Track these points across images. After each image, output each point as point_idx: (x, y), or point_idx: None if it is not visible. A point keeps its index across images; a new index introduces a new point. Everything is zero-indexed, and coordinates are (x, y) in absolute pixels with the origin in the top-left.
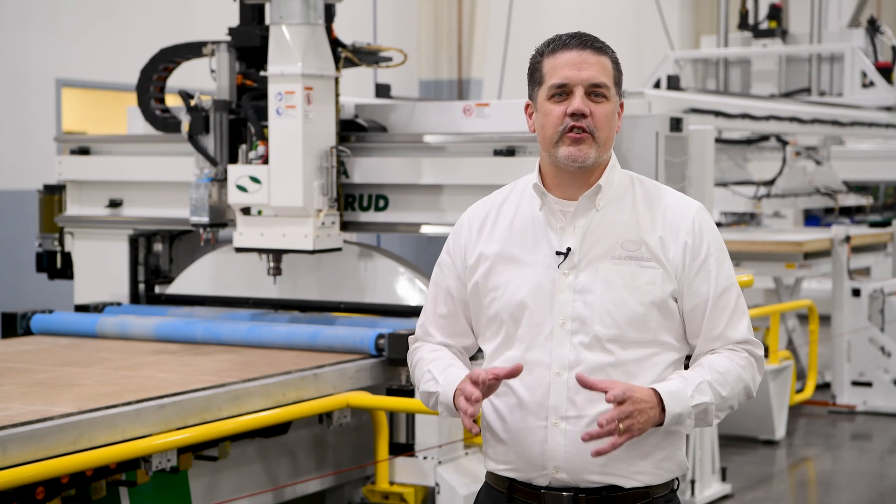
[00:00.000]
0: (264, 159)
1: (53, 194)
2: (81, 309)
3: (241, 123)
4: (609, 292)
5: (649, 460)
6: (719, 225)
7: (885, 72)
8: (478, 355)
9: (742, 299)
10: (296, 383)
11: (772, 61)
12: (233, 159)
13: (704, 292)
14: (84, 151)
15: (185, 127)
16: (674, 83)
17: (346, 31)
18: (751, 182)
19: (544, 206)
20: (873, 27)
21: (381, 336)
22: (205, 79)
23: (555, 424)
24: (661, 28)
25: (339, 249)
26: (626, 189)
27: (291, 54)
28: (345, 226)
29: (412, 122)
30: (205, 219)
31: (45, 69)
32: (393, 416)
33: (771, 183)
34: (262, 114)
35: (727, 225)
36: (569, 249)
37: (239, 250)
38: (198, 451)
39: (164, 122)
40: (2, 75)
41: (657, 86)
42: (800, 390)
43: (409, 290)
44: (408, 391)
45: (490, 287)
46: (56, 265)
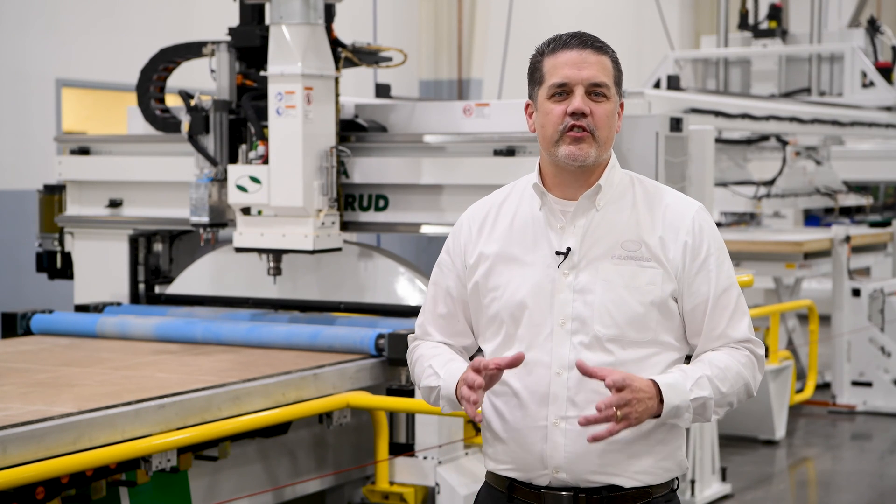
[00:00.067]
0: (264, 159)
1: (53, 194)
2: (81, 309)
3: (241, 123)
4: (609, 292)
5: (649, 460)
6: (719, 225)
7: (885, 72)
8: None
9: (742, 299)
10: (296, 383)
11: (772, 61)
12: (233, 159)
13: (705, 292)
14: (84, 151)
15: (185, 127)
16: (674, 83)
17: (346, 31)
18: (751, 182)
19: (544, 205)
20: (873, 27)
21: (381, 336)
22: (205, 79)
23: (555, 424)
24: (661, 28)
25: (339, 249)
26: (626, 189)
27: (291, 54)
28: (345, 226)
29: (412, 122)
30: (205, 219)
31: (45, 69)
32: (393, 416)
33: (771, 183)
34: (262, 114)
35: (727, 225)
36: (569, 249)
37: (239, 250)
38: (198, 451)
39: (164, 122)
40: (2, 75)
41: (657, 86)
42: (800, 390)
43: (409, 290)
44: (408, 391)
45: (490, 287)
46: (56, 265)
